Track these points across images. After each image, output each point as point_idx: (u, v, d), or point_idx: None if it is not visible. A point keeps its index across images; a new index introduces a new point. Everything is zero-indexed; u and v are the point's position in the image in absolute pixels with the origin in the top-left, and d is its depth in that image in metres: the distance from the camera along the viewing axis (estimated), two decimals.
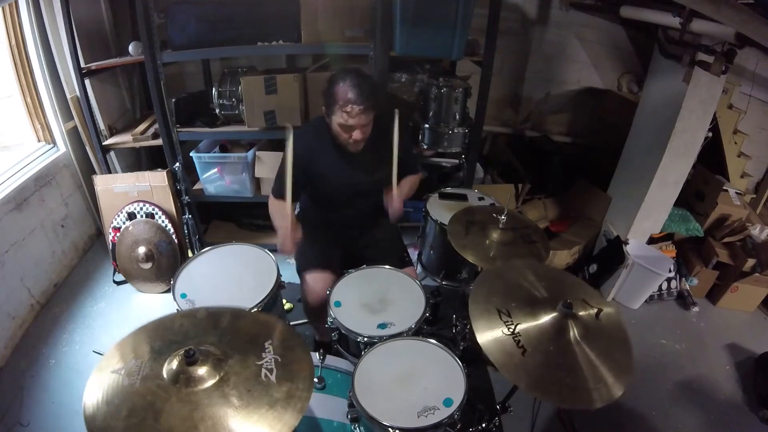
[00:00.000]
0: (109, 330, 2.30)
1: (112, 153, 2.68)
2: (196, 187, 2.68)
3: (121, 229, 2.51)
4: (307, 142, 1.70)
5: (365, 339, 1.43)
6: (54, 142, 2.62)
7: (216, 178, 2.60)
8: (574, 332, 1.13)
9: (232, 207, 2.95)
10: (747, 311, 2.67)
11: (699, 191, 2.81)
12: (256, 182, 2.63)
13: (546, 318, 1.15)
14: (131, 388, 0.91)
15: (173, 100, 2.37)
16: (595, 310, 1.20)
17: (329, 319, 1.52)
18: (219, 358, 0.97)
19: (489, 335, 1.13)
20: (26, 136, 2.55)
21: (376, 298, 1.57)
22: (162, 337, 1.04)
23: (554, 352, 1.09)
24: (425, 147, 2.50)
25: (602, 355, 1.10)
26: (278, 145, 2.59)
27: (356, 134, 1.59)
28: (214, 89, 2.42)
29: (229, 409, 0.88)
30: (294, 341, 1.05)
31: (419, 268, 2.09)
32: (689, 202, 2.83)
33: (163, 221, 2.53)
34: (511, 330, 1.13)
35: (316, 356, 1.45)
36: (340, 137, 1.63)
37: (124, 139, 2.58)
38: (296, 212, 1.86)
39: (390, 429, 1.16)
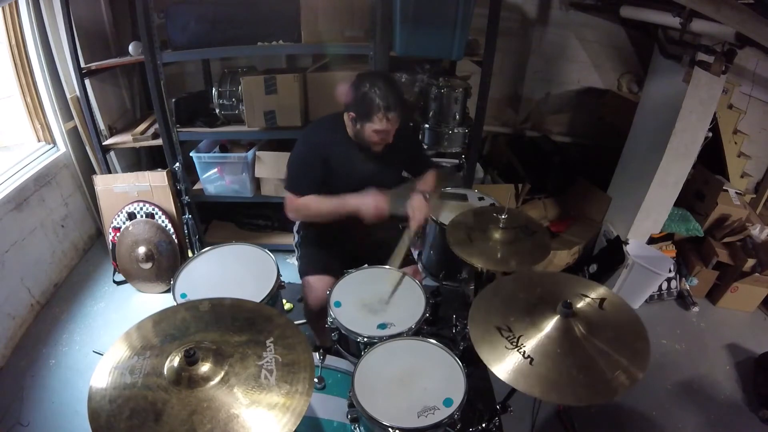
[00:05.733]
0: (109, 330, 2.30)
1: (112, 153, 2.68)
2: (196, 187, 2.68)
3: (121, 229, 2.51)
4: (324, 135, 1.72)
5: (365, 339, 1.43)
6: (54, 142, 2.62)
7: (216, 178, 2.60)
8: (579, 329, 1.12)
9: (232, 207, 2.95)
10: (747, 311, 2.66)
11: (699, 191, 2.80)
12: (256, 182, 2.63)
13: (547, 323, 1.14)
14: (133, 387, 0.91)
15: (173, 100, 2.38)
16: (598, 301, 1.19)
17: (329, 319, 1.52)
18: (220, 355, 0.96)
19: (493, 355, 1.11)
20: (26, 136, 2.55)
21: (376, 298, 1.57)
22: (164, 331, 1.04)
23: (561, 354, 1.08)
24: (425, 147, 2.49)
25: (614, 342, 1.10)
26: (278, 145, 2.59)
27: (390, 137, 1.64)
28: (214, 89, 2.42)
29: (231, 411, 0.88)
30: (295, 339, 1.04)
31: (419, 268, 2.09)
32: (689, 202, 2.83)
33: (163, 221, 2.53)
34: (513, 344, 1.12)
35: (316, 356, 1.45)
36: (370, 140, 1.65)
37: (124, 139, 2.59)
38: None
39: (390, 429, 1.16)
